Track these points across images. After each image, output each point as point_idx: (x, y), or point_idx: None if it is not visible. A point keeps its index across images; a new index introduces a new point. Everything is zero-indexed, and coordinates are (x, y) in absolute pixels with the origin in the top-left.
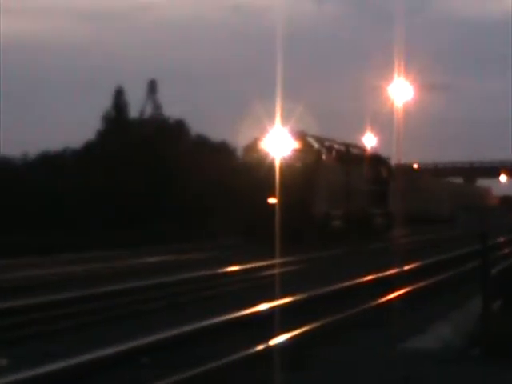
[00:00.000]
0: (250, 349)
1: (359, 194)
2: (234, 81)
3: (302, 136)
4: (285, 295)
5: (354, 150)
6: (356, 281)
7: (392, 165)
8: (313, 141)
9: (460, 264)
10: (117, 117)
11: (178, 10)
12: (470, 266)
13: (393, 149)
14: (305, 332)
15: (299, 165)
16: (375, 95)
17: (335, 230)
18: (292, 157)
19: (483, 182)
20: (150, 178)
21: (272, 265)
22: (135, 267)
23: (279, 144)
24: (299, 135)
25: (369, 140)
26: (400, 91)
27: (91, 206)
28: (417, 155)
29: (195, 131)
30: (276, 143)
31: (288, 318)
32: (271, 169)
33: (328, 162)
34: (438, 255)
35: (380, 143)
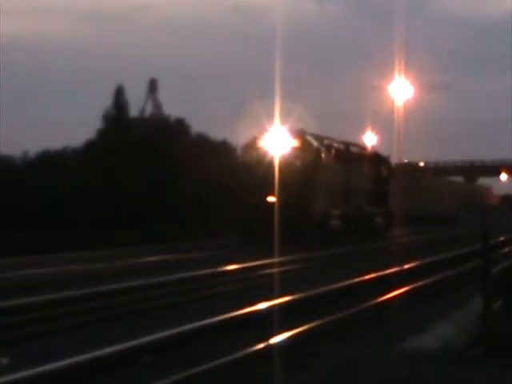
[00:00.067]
0: (250, 348)
1: (359, 193)
2: (234, 80)
3: (301, 134)
4: (284, 294)
5: (354, 149)
6: (356, 280)
7: (392, 163)
8: (312, 139)
9: (460, 264)
10: (117, 116)
11: (178, 10)
12: (471, 266)
13: (393, 148)
14: (304, 331)
15: (298, 163)
16: (376, 95)
17: (335, 229)
18: (291, 155)
19: (484, 181)
20: (151, 177)
21: (271, 264)
22: (135, 266)
23: (278, 142)
24: (298, 133)
25: (369, 139)
26: (400, 91)
27: (91, 206)
28: (417, 154)
29: (195, 130)
30: (275, 141)
31: (287, 317)
32: (270, 167)
33: (327, 161)
34: (439, 255)
35: (380, 142)
